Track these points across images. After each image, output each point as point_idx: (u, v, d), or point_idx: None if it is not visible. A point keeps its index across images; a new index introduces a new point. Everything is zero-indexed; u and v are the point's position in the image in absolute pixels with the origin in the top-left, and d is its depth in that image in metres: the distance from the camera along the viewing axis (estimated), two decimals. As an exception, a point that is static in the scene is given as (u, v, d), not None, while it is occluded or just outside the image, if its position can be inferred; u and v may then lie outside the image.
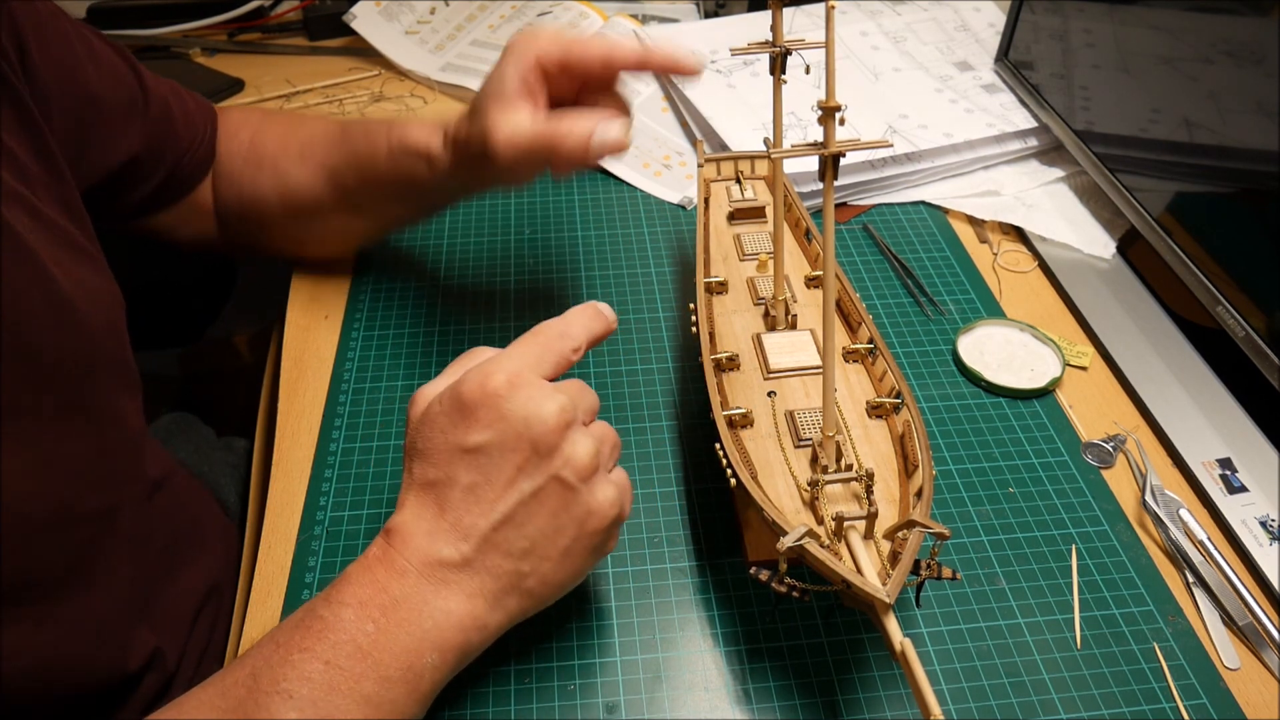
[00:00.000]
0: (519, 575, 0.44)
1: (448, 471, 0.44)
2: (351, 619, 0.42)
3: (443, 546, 0.43)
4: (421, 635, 0.42)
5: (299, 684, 0.40)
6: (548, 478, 0.43)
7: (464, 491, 0.43)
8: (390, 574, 0.43)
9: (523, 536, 0.44)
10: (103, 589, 0.51)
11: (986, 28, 0.99)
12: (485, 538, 0.43)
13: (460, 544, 0.43)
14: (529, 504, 0.43)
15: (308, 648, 0.41)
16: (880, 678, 0.50)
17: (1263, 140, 0.60)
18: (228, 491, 0.76)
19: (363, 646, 0.41)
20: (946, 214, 0.83)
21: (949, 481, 0.61)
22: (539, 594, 0.46)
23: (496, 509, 0.43)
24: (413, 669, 0.42)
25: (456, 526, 0.43)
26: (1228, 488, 0.59)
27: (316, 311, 0.72)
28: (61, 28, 0.58)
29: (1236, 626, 0.53)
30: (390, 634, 0.42)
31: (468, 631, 0.44)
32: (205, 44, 1.03)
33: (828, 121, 0.41)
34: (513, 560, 0.44)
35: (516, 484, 0.43)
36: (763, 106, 0.88)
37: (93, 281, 0.53)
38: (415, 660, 0.42)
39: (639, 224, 0.81)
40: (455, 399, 0.44)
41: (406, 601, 0.42)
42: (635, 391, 0.66)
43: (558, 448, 0.43)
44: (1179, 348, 0.69)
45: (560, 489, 0.44)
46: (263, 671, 0.41)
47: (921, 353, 0.70)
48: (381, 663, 0.41)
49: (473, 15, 1.03)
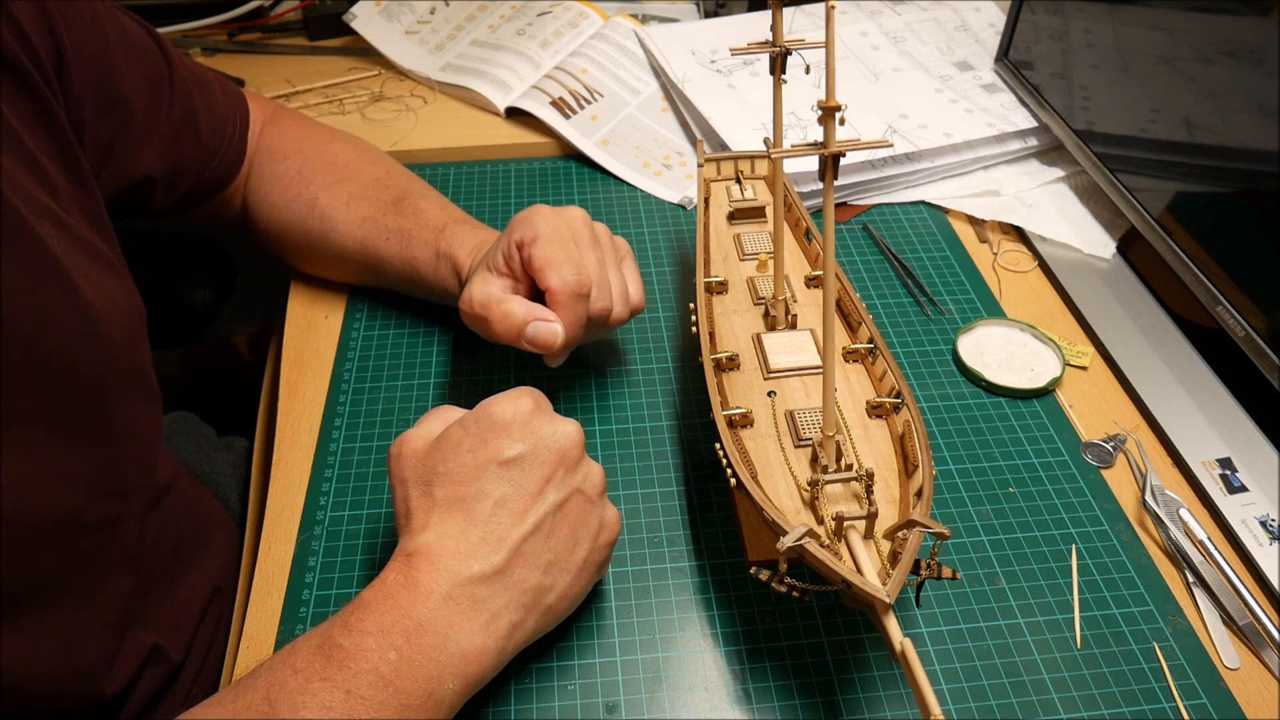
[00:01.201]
0: (541, 590, 0.46)
1: (479, 487, 0.45)
2: (374, 648, 0.41)
3: (475, 562, 0.44)
4: (444, 662, 0.42)
5: (319, 713, 0.39)
6: (571, 490, 0.46)
7: (496, 504, 0.45)
8: (414, 598, 0.43)
9: (548, 549, 0.46)
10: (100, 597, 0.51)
11: (986, 28, 0.99)
12: (516, 548, 0.45)
13: (493, 555, 0.44)
14: (554, 515, 0.46)
15: (329, 677, 0.40)
16: (880, 678, 0.50)
17: (1263, 140, 0.60)
18: (228, 491, 0.76)
19: (385, 675, 0.41)
20: (946, 214, 0.83)
21: (949, 481, 0.61)
22: (556, 610, 0.47)
23: (527, 519, 0.45)
24: (434, 696, 0.42)
25: (487, 538, 0.44)
26: (1228, 488, 0.59)
27: (316, 311, 0.72)
28: (99, 20, 0.57)
29: (1236, 626, 0.53)
30: (413, 661, 0.41)
31: (487, 656, 0.44)
32: (205, 44, 1.03)
33: (828, 121, 0.41)
34: (538, 574, 0.45)
35: (544, 495, 0.46)
36: (763, 106, 0.88)
37: (116, 293, 0.53)
38: (437, 687, 0.42)
39: (639, 224, 0.81)
40: (485, 420, 0.46)
41: (431, 626, 0.42)
42: (635, 391, 0.66)
43: (579, 463, 0.47)
44: (1179, 348, 0.69)
45: (582, 501, 0.47)
46: (281, 698, 0.40)
47: (921, 353, 0.70)
48: (404, 690, 0.41)
49: (473, 15, 1.03)
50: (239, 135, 0.69)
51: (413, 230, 0.66)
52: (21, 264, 0.45)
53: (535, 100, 0.91)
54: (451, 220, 0.66)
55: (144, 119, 0.61)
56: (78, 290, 0.49)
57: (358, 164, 0.71)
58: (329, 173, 0.69)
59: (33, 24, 0.50)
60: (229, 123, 0.68)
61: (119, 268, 0.54)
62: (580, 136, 0.88)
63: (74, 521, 0.48)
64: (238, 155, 0.69)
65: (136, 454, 0.54)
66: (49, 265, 0.47)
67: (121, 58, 0.59)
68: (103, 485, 0.50)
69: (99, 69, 0.56)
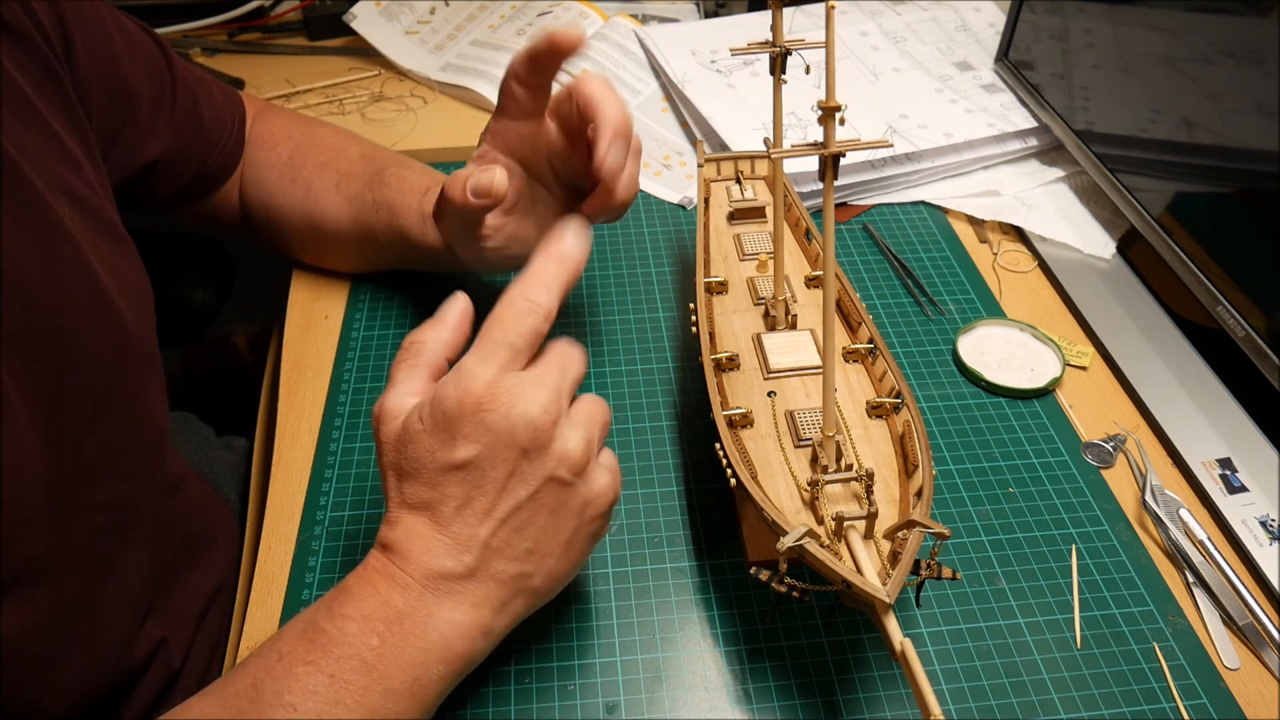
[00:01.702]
0: (524, 576, 0.44)
1: (440, 491, 0.42)
2: (356, 633, 0.41)
3: (444, 560, 0.42)
4: (427, 648, 0.42)
5: (303, 697, 0.39)
6: (542, 479, 0.43)
7: (458, 506, 0.42)
8: (392, 587, 0.42)
9: (524, 538, 0.43)
10: (114, 579, 0.51)
11: (986, 28, 0.99)
12: (486, 545, 0.43)
13: (462, 555, 0.42)
14: (526, 506, 0.43)
15: (312, 660, 0.40)
16: (880, 678, 0.50)
17: (1263, 140, 0.60)
18: (229, 491, 0.76)
19: (368, 660, 0.41)
20: (946, 214, 0.83)
21: (949, 481, 0.61)
22: (544, 589, 0.45)
23: (493, 515, 0.42)
24: (419, 681, 0.41)
25: (456, 539, 0.42)
26: (1228, 488, 0.59)
27: (316, 311, 0.72)
28: (103, 18, 0.58)
29: (1236, 626, 0.53)
30: (396, 648, 0.41)
31: (474, 640, 0.43)
32: (205, 44, 1.03)
33: (828, 121, 0.41)
34: (517, 562, 0.43)
35: (510, 489, 0.42)
36: (763, 106, 0.88)
37: (129, 271, 0.53)
38: (421, 673, 0.41)
39: (639, 224, 0.81)
40: (437, 414, 0.42)
41: (412, 615, 0.42)
42: (635, 391, 0.66)
43: (548, 447, 0.42)
44: (1179, 348, 0.69)
45: (556, 487, 0.43)
46: (265, 683, 0.40)
47: (921, 353, 0.70)
48: (387, 676, 0.41)
49: (473, 15, 1.03)
50: (238, 129, 0.70)
51: (396, 200, 0.65)
52: (36, 240, 0.46)
53: (535, 100, 0.90)
54: (434, 183, 0.65)
55: (149, 109, 0.62)
56: (92, 268, 0.49)
57: (342, 145, 0.71)
58: (317, 155, 0.70)
59: (41, 6, 0.51)
60: (228, 118, 0.69)
61: (131, 246, 0.55)
62: None
63: (82, 500, 0.48)
64: (236, 148, 0.70)
65: (147, 437, 0.54)
66: (64, 241, 0.47)
67: (125, 52, 0.60)
68: (113, 465, 0.51)
69: (104, 60, 0.57)
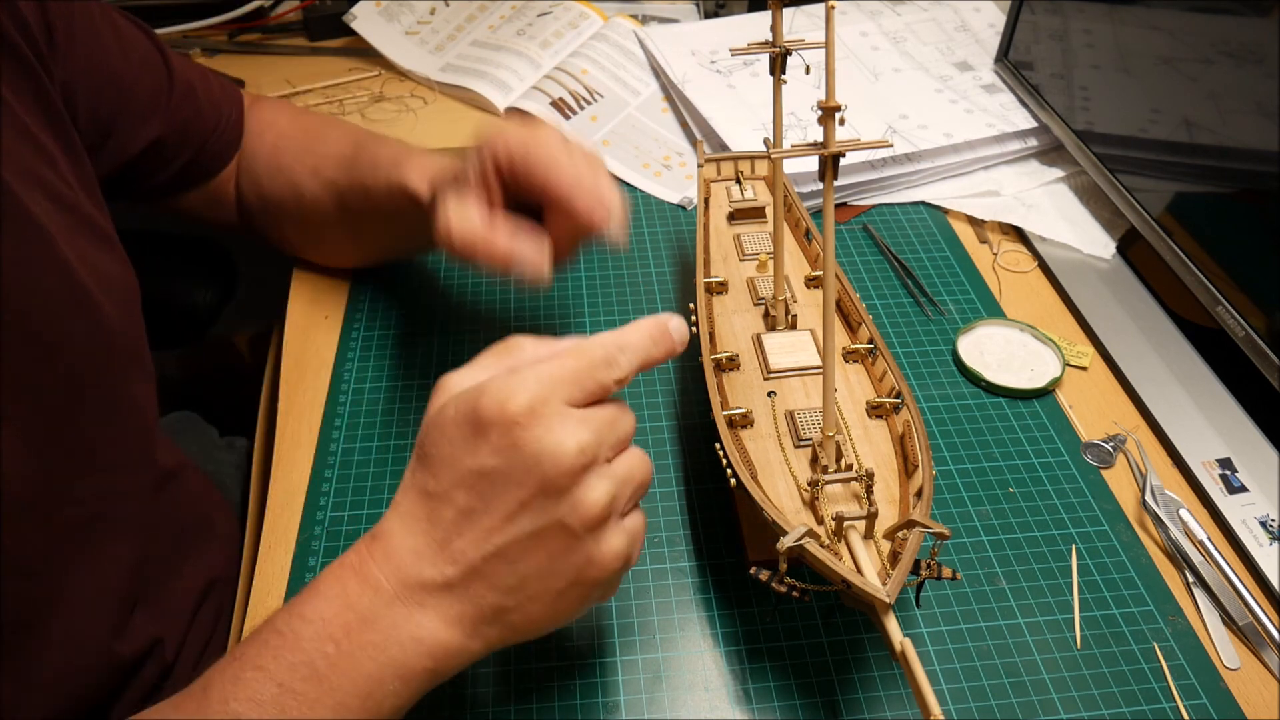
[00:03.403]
0: (503, 609, 0.41)
1: (447, 488, 0.40)
2: (311, 637, 0.39)
3: (425, 566, 0.40)
4: (385, 661, 0.39)
5: (247, 705, 0.37)
6: (550, 521, 0.39)
7: (459, 514, 0.40)
8: (363, 587, 0.40)
9: (513, 573, 0.40)
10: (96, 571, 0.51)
11: (986, 28, 0.99)
12: (473, 567, 0.40)
13: (446, 567, 0.40)
14: (525, 542, 0.40)
15: (262, 666, 0.38)
16: (880, 678, 0.50)
17: (1263, 140, 0.60)
18: (231, 490, 0.76)
19: (320, 670, 0.38)
20: (946, 214, 0.83)
21: (949, 481, 0.61)
22: (522, 629, 0.42)
23: (491, 540, 0.39)
24: (372, 697, 0.39)
25: (444, 548, 0.40)
26: (1228, 488, 0.59)
27: (316, 311, 0.72)
28: (89, 15, 0.58)
29: (1236, 626, 0.53)
30: (352, 657, 0.39)
31: (438, 659, 0.40)
32: (205, 44, 1.03)
33: (828, 121, 0.41)
34: (498, 594, 0.40)
35: (516, 519, 0.39)
36: (763, 106, 0.88)
37: (110, 268, 0.53)
38: (375, 689, 0.39)
39: (639, 224, 0.82)
40: (471, 411, 0.39)
41: (375, 623, 0.39)
42: (635, 391, 0.66)
43: (567, 491, 0.39)
44: (1179, 348, 0.69)
45: (562, 534, 0.40)
46: (214, 685, 0.38)
47: (921, 353, 0.70)
48: (339, 689, 0.38)
49: (473, 16, 1.03)
50: (236, 118, 0.70)
51: (368, 177, 0.63)
52: (7, 234, 0.45)
53: (535, 101, 0.91)
54: (403, 154, 0.62)
55: (145, 96, 0.62)
56: (68, 262, 0.49)
57: (321, 128, 0.71)
58: (298, 141, 0.70)
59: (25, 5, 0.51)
60: (226, 105, 0.69)
61: (114, 243, 0.54)
62: (580, 137, 0.88)
63: (64, 494, 0.48)
64: (234, 136, 0.70)
65: (131, 430, 0.54)
66: (37, 236, 0.47)
67: (115, 45, 0.60)
68: (96, 459, 0.50)
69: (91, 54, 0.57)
